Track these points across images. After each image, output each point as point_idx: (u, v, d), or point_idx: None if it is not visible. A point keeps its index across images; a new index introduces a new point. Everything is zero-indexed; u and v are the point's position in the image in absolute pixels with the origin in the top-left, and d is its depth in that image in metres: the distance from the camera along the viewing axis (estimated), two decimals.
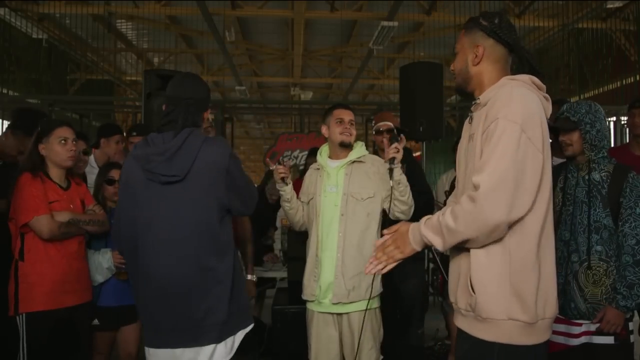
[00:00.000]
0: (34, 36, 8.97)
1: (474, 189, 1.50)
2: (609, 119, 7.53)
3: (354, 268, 2.53)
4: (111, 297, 2.81)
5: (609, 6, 7.99)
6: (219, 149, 2.00)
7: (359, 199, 2.60)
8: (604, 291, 2.20)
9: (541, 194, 1.55)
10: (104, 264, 2.76)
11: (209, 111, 2.17)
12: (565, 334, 2.26)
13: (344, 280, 2.53)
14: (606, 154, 2.28)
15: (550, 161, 1.61)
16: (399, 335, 3.35)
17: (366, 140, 6.68)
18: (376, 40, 8.21)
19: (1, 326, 2.59)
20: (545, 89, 1.68)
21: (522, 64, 1.69)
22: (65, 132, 2.55)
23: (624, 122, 7.14)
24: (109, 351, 2.97)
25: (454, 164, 2.00)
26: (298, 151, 7.98)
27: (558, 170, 2.36)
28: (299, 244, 2.98)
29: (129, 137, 3.64)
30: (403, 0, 7.35)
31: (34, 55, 9.61)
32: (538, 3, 8.45)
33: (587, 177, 2.27)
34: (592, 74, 9.38)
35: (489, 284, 1.55)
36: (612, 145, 6.38)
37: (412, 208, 2.61)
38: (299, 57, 10.70)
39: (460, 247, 1.60)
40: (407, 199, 2.57)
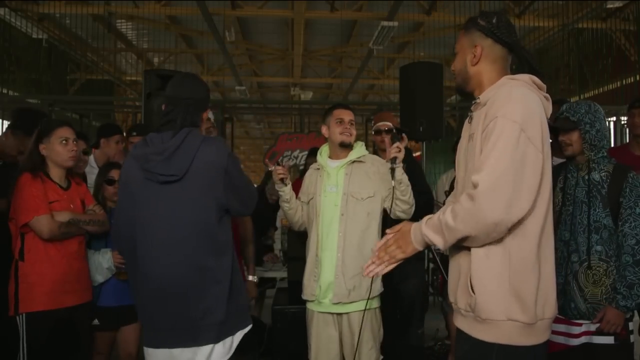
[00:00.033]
0: (34, 36, 8.98)
1: (473, 188, 1.50)
2: (609, 119, 7.53)
3: (354, 268, 2.53)
4: (111, 297, 2.82)
5: (609, 6, 7.99)
6: (217, 148, 2.00)
7: (359, 199, 2.60)
8: (604, 291, 2.20)
9: (541, 194, 1.54)
10: (104, 264, 2.76)
11: (208, 111, 2.16)
12: (565, 334, 2.26)
13: (345, 280, 2.53)
14: (606, 154, 2.28)
15: (550, 161, 1.60)
16: (399, 335, 3.35)
17: (366, 140, 6.68)
18: (376, 40, 8.21)
19: (1, 326, 2.59)
20: (545, 89, 1.68)
21: (522, 63, 1.69)
22: (66, 132, 2.55)
23: (624, 122, 7.14)
24: (109, 351, 2.97)
25: (454, 164, 2.00)
26: (298, 151, 7.98)
27: (558, 170, 2.36)
28: (299, 244, 2.98)
29: (129, 137, 3.64)
30: (403, 0, 7.35)
31: (34, 55, 9.61)
32: (538, 3, 8.44)
33: (586, 177, 2.27)
34: (592, 74, 9.38)
35: (488, 284, 1.54)
36: (612, 145, 6.39)
37: (413, 207, 2.62)
38: (299, 57, 10.69)
39: (460, 247, 1.60)
40: (408, 198, 2.58)
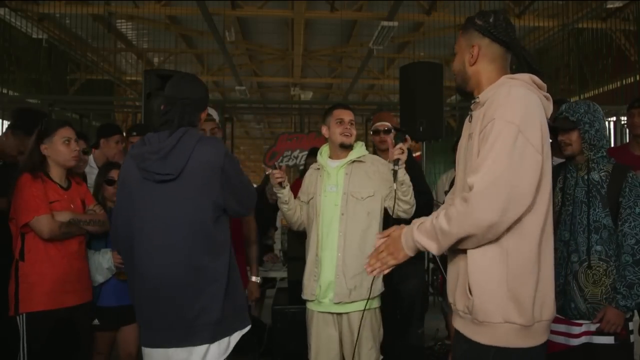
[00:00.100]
0: (34, 36, 8.97)
1: (469, 190, 1.50)
2: (609, 119, 7.52)
3: (355, 267, 2.53)
4: (111, 297, 2.82)
5: (609, 6, 7.99)
6: (213, 148, 1.99)
7: (358, 198, 2.60)
8: (604, 291, 2.20)
9: (541, 194, 1.54)
10: (104, 264, 2.76)
11: (206, 111, 2.16)
12: (566, 334, 2.26)
13: (345, 280, 2.54)
14: (605, 154, 2.28)
15: (550, 161, 1.60)
16: (399, 335, 3.35)
17: (366, 140, 6.67)
18: (376, 40, 8.21)
19: (1, 326, 2.59)
20: (545, 88, 1.66)
21: (520, 62, 1.68)
22: (68, 132, 2.56)
23: (624, 122, 7.14)
24: (109, 351, 2.97)
25: (454, 164, 2.00)
26: (298, 151, 7.97)
27: (557, 171, 2.36)
28: (299, 244, 2.98)
29: (128, 137, 3.64)
30: (403, 0, 7.35)
31: (34, 55, 9.60)
32: (538, 3, 8.44)
33: (586, 177, 2.27)
34: (592, 74, 9.38)
35: (486, 286, 1.54)
36: (612, 145, 6.39)
37: (414, 207, 2.63)
38: (299, 57, 10.69)
39: (459, 248, 1.59)
40: (409, 198, 2.58)
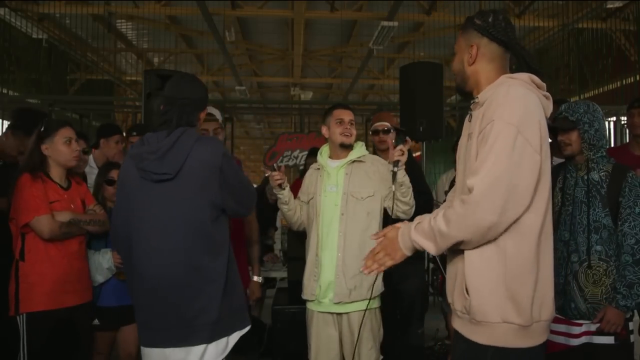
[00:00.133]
0: (34, 36, 8.97)
1: (468, 192, 1.49)
2: (609, 119, 7.53)
3: (355, 267, 2.52)
4: (111, 297, 2.82)
5: (609, 6, 7.99)
6: (211, 148, 1.99)
7: (358, 198, 2.60)
8: (604, 291, 2.20)
9: (540, 194, 1.54)
10: (104, 264, 2.76)
11: (206, 111, 2.16)
12: (566, 334, 2.26)
13: (345, 280, 2.54)
14: (605, 154, 2.28)
15: (549, 161, 1.60)
16: (399, 335, 3.35)
17: (366, 140, 6.67)
18: (376, 40, 8.21)
19: (1, 326, 2.59)
20: (545, 88, 1.66)
21: (519, 61, 1.68)
22: (69, 132, 2.56)
23: (624, 122, 7.14)
24: (109, 351, 2.97)
25: (454, 164, 2.00)
26: (298, 151, 7.97)
27: (557, 171, 2.36)
28: (299, 244, 2.98)
29: (128, 137, 3.63)
30: (403, 0, 7.35)
31: (34, 55, 9.60)
32: (538, 3, 8.44)
33: (586, 177, 2.27)
34: (592, 74, 9.38)
35: (483, 286, 1.54)
36: (612, 145, 6.39)
37: (413, 208, 2.63)
38: (299, 57, 10.69)
39: (457, 248, 1.59)
40: (409, 199, 2.59)
